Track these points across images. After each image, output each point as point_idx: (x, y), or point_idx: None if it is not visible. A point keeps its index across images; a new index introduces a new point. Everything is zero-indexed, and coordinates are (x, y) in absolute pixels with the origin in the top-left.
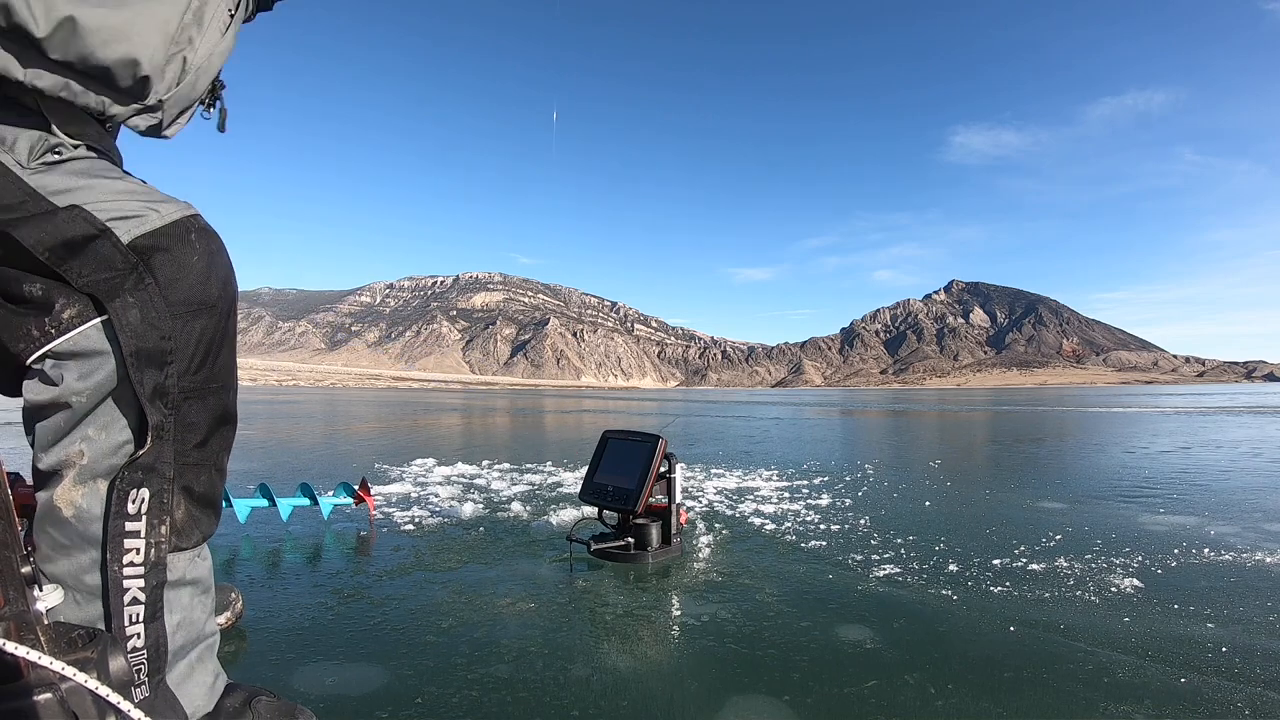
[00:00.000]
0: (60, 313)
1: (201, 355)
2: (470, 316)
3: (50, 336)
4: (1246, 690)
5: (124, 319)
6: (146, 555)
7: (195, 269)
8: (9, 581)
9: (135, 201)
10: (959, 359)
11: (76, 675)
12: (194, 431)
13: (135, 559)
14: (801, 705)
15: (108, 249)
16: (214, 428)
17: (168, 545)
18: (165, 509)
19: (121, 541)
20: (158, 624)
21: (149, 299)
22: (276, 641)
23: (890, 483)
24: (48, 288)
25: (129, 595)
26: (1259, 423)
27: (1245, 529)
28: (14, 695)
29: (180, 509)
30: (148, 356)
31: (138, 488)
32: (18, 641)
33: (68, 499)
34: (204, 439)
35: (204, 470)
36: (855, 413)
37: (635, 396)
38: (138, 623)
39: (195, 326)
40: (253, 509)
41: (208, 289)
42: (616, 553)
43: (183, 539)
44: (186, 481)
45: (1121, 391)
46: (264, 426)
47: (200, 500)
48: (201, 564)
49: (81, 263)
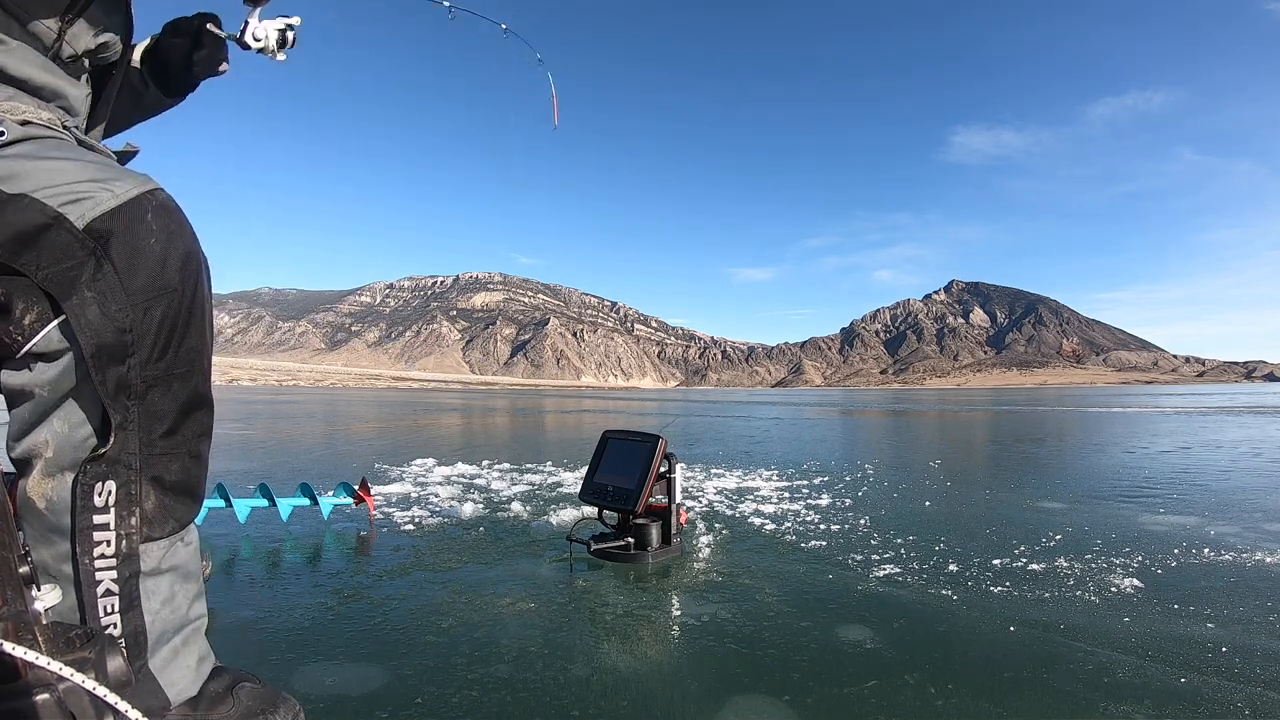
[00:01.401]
0: (21, 318)
1: (164, 342)
2: (470, 316)
3: (18, 344)
4: (1246, 690)
5: (82, 318)
6: (118, 547)
7: (152, 252)
8: (7, 582)
9: (86, 183)
10: (959, 359)
11: (74, 675)
12: (160, 420)
13: (106, 550)
14: (801, 705)
15: (63, 237)
16: (183, 414)
17: (139, 536)
18: (134, 500)
19: (91, 534)
20: (135, 614)
21: (107, 289)
22: (276, 641)
23: (890, 483)
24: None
25: (102, 586)
26: (1259, 423)
27: (1245, 529)
28: (12, 695)
29: (150, 499)
30: (108, 353)
31: (103, 480)
32: (15, 642)
33: (39, 490)
34: (172, 427)
35: (175, 459)
36: (855, 413)
37: (635, 396)
38: (113, 613)
39: (155, 313)
40: (253, 509)
41: (166, 273)
42: (616, 553)
43: (155, 529)
44: (156, 471)
45: (1121, 391)
46: (264, 426)
47: (173, 489)
48: (182, 549)
49: (38, 254)
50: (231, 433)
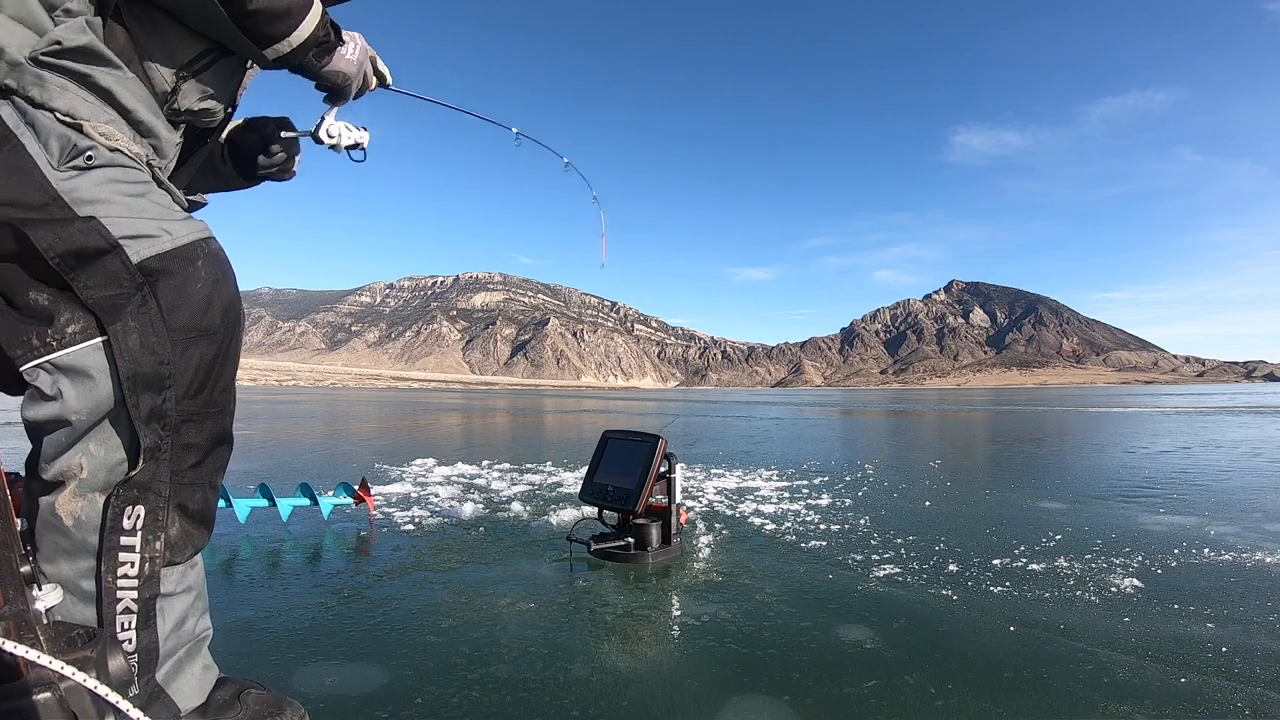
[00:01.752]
0: (64, 326)
1: (200, 381)
2: (470, 316)
3: (50, 348)
4: (1246, 690)
5: (123, 343)
6: (141, 569)
7: (198, 296)
8: (8, 581)
9: (149, 220)
10: (959, 359)
11: (75, 675)
12: (191, 453)
13: (130, 571)
14: (801, 705)
15: (116, 265)
16: (210, 449)
17: (162, 560)
18: (160, 525)
19: (116, 555)
20: (150, 631)
21: (149, 323)
22: (276, 641)
23: (890, 483)
24: (53, 298)
25: (122, 604)
26: (1259, 423)
27: (1245, 529)
28: (14, 695)
29: (175, 525)
30: (145, 381)
31: (133, 504)
32: (17, 641)
33: (68, 509)
34: (200, 460)
35: (199, 489)
36: (855, 413)
37: (635, 396)
38: (130, 629)
39: (195, 353)
40: (253, 509)
41: (209, 316)
42: (616, 553)
43: (176, 554)
44: (181, 499)
45: (1121, 391)
46: (264, 426)
47: (194, 517)
48: (193, 573)
49: (89, 275)
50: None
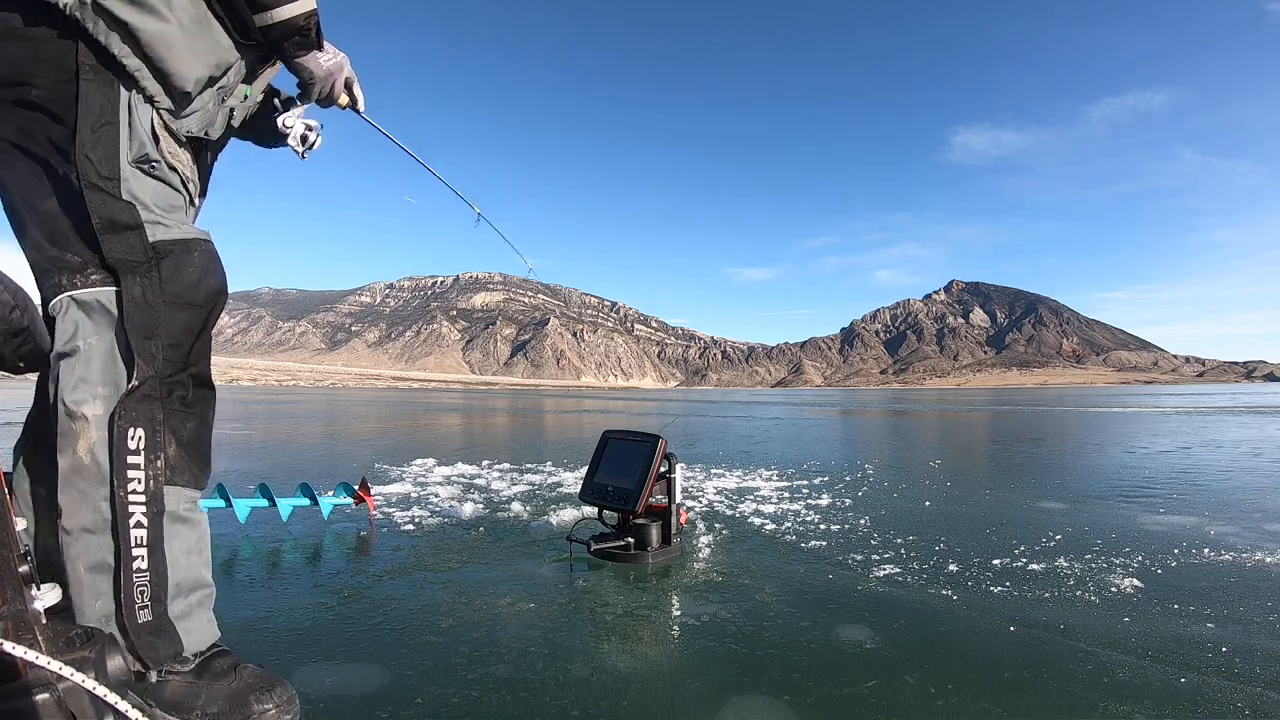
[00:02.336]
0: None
1: (180, 337)
2: (470, 316)
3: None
4: (1246, 690)
5: (129, 293)
6: (147, 485)
7: (190, 276)
8: (7, 581)
9: (170, 218)
10: (959, 359)
11: (74, 675)
12: (177, 388)
13: (137, 488)
14: (801, 705)
15: (136, 240)
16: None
17: (164, 477)
18: (159, 445)
19: (125, 473)
20: (159, 554)
21: (151, 285)
22: (276, 641)
23: (890, 483)
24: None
25: (134, 519)
26: (1259, 423)
27: (1245, 529)
28: (12, 695)
29: (171, 446)
30: (140, 326)
31: (133, 426)
32: (15, 641)
33: (86, 445)
34: (185, 395)
35: (190, 417)
36: (855, 413)
37: (635, 396)
38: (141, 546)
39: (180, 317)
40: (253, 509)
41: (195, 292)
42: (616, 553)
43: (176, 475)
44: (174, 424)
45: (1121, 391)
46: (264, 426)
47: (188, 444)
48: (198, 514)
49: (116, 240)
50: (232, 433)
